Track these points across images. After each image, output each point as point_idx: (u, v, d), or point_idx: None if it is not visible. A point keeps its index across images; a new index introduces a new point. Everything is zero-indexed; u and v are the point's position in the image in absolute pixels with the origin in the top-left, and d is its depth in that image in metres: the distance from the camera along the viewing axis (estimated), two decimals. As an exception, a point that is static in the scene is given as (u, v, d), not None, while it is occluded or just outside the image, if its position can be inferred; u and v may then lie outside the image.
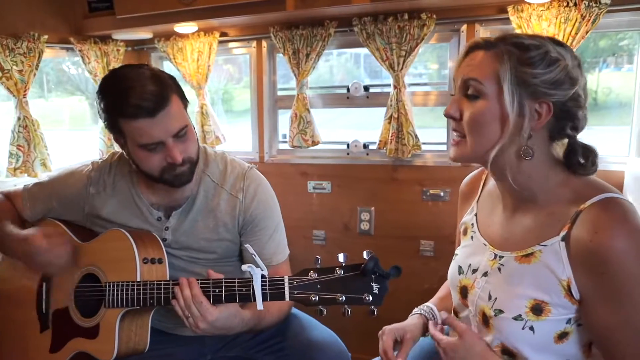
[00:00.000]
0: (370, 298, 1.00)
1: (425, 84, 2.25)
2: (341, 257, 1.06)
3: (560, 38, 1.80)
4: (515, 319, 0.93)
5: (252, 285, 1.07)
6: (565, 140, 0.95)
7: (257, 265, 1.08)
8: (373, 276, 1.01)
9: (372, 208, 2.27)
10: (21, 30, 1.94)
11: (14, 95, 1.91)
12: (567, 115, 0.92)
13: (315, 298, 1.02)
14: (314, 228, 2.39)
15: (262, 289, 1.06)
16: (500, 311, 0.95)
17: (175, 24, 2.13)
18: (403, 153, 2.10)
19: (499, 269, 0.99)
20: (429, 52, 2.58)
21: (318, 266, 1.06)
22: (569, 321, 0.92)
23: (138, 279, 1.24)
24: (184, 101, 1.31)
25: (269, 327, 1.36)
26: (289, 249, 2.04)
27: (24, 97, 1.93)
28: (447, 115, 0.98)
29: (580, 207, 0.89)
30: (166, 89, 1.21)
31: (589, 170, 0.94)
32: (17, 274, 1.43)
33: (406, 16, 1.98)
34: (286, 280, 1.06)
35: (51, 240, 1.28)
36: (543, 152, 0.95)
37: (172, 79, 1.29)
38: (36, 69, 1.97)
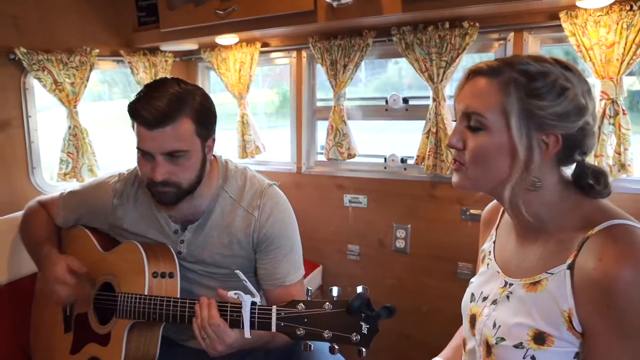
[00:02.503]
0: (359, 338, 0.94)
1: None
2: (334, 291, 1.00)
3: (621, 47, 1.61)
4: (515, 346, 0.87)
5: (242, 312, 1.04)
6: (574, 165, 0.91)
7: (249, 291, 1.05)
8: (363, 315, 0.94)
9: (409, 225, 2.17)
10: (75, 45, 2.07)
11: (65, 107, 2.05)
12: (576, 144, 0.87)
13: (301, 332, 0.97)
14: (348, 242, 2.33)
15: (251, 317, 1.03)
16: (502, 339, 0.90)
17: (216, 36, 2.17)
18: (441, 169, 1.99)
19: (508, 297, 0.93)
20: (478, 59, 2.43)
21: (309, 298, 1.01)
22: (576, 355, 0.83)
23: (146, 293, 1.26)
24: (200, 129, 1.25)
25: (282, 344, 1.32)
26: (321, 264, 2.01)
27: (75, 108, 2.06)
28: (450, 146, 0.92)
29: (588, 233, 0.83)
30: (177, 112, 1.19)
31: (602, 193, 0.88)
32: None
33: (447, 25, 1.87)
34: (274, 310, 1.02)
35: (65, 276, 1.33)
36: (552, 179, 0.89)
37: (202, 107, 1.25)
38: (87, 80, 2.10)
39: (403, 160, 2.18)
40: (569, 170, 0.92)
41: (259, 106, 2.46)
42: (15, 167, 1.98)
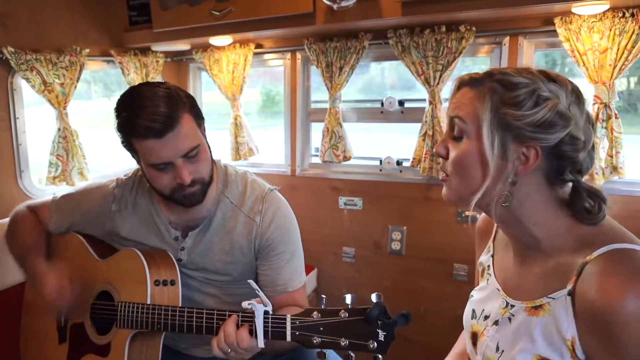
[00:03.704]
0: (375, 345, 0.93)
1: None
2: (348, 299, 1.00)
3: (613, 52, 1.65)
4: None
5: (255, 321, 1.02)
6: (570, 185, 0.87)
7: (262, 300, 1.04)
8: (379, 322, 0.94)
9: (404, 227, 2.18)
10: (64, 44, 2.02)
11: (55, 108, 1.99)
12: (563, 158, 0.83)
13: (317, 340, 0.97)
14: (343, 245, 2.33)
15: (264, 327, 1.02)
16: None
17: (211, 37, 2.14)
18: (437, 172, 2.00)
19: (509, 319, 0.91)
20: (474, 63, 2.46)
21: (323, 306, 1.00)
22: None
23: (148, 302, 1.23)
24: (198, 120, 1.27)
25: (289, 348, 1.30)
26: (315, 267, 2.00)
27: (64, 109, 2.01)
28: (436, 154, 0.95)
29: (587, 258, 0.79)
30: (177, 110, 1.18)
31: (596, 218, 0.84)
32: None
33: (444, 28, 1.88)
34: (288, 319, 1.01)
35: (60, 289, 1.30)
36: (540, 197, 0.86)
37: (188, 97, 1.26)
38: (77, 81, 2.04)
39: (399, 163, 2.18)
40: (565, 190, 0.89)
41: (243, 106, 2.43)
42: (3, 170, 1.92)
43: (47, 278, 1.31)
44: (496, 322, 0.94)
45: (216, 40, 2.23)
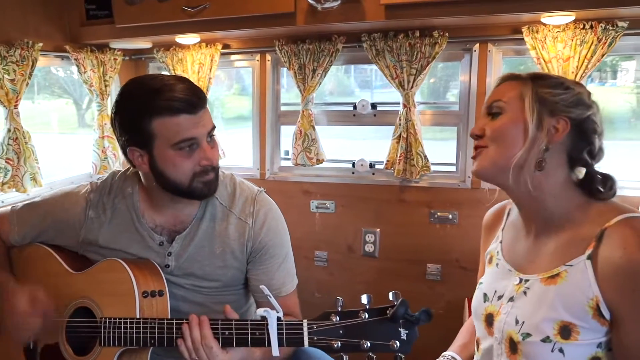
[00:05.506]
0: (398, 345, 0.92)
1: (433, 103, 2.19)
2: (364, 299, 0.98)
3: (575, 60, 1.77)
4: (543, 341, 0.91)
5: (267, 329, 0.97)
6: (584, 170, 0.99)
7: (273, 307, 0.99)
8: (401, 321, 0.92)
9: (377, 229, 2.20)
10: (14, 37, 1.84)
11: (4, 106, 1.81)
12: (584, 136, 0.97)
13: (337, 344, 0.93)
14: (316, 249, 2.31)
15: (279, 334, 0.97)
16: (528, 334, 0.94)
17: (178, 35, 2.04)
18: (412, 174, 2.03)
19: (525, 293, 0.98)
20: (446, 68, 2.54)
21: (339, 309, 0.97)
22: (599, 345, 0.90)
23: (137, 316, 1.14)
24: None
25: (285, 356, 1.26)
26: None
27: (15, 108, 1.83)
28: (472, 135, 1.04)
29: (605, 225, 0.90)
30: (202, 90, 1.21)
31: (608, 195, 0.97)
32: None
33: (417, 33, 1.92)
34: (305, 324, 0.97)
35: (32, 312, 1.18)
36: (562, 173, 0.98)
37: None
38: (29, 78, 1.87)
39: (372, 165, 2.20)
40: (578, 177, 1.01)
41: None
42: (-57, 176, 1.71)
43: (16, 298, 1.16)
44: (511, 299, 1.00)
45: (183, 39, 2.13)
